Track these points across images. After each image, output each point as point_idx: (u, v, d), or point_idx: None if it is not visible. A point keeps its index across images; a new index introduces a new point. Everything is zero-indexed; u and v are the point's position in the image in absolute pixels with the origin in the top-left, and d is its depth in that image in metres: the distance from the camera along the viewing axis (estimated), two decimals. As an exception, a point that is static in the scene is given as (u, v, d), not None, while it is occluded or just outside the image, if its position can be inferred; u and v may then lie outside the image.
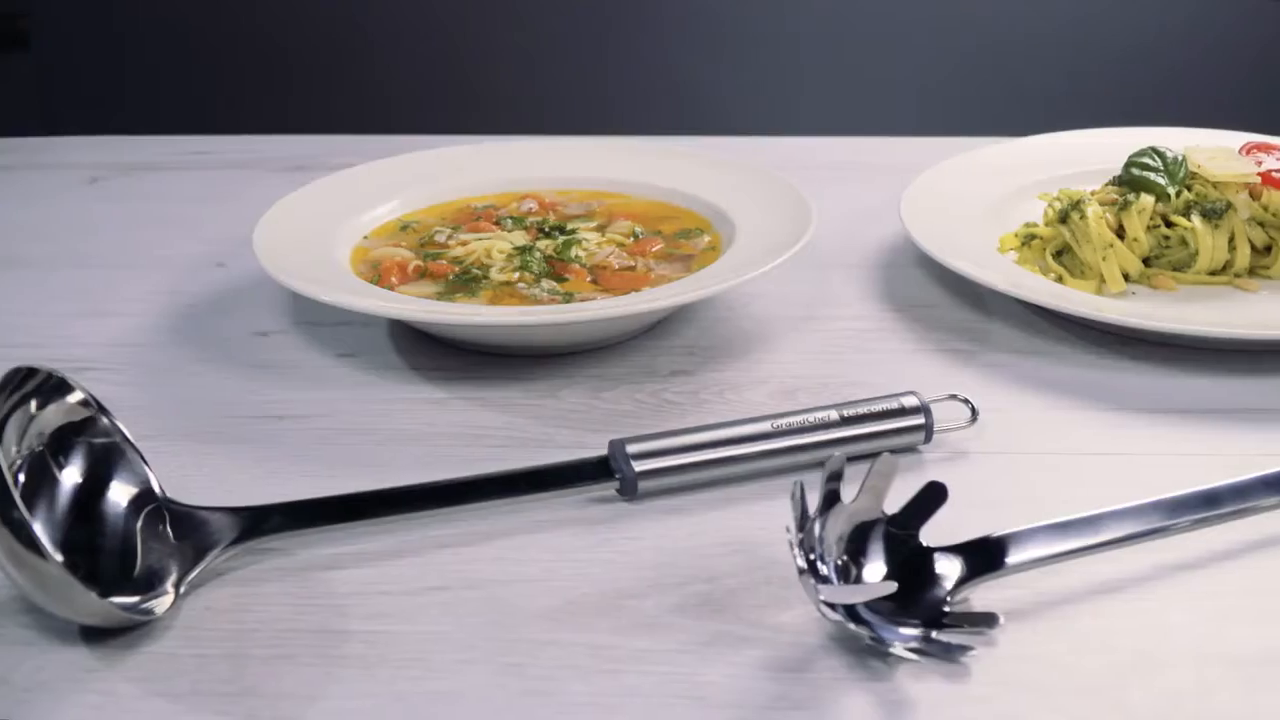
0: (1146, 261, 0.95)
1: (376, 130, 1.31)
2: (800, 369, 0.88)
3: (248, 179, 1.23)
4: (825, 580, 0.65)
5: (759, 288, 0.98)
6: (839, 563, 0.65)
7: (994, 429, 0.81)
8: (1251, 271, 0.96)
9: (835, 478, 0.66)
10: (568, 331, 0.87)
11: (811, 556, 0.65)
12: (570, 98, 2.16)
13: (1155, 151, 0.96)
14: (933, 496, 0.68)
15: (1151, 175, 0.95)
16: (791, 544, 0.63)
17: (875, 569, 0.66)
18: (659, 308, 0.86)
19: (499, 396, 0.86)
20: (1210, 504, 0.71)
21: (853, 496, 0.67)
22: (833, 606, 0.63)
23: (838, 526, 0.65)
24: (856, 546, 0.66)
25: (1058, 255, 0.96)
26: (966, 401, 0.81)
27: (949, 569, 0.68)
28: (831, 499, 0.66)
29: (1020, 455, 0.79)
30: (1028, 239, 0.97)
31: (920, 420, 0.78)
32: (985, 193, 1.04)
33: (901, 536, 0.68)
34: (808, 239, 0.90)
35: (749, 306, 0.96)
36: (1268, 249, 0.95)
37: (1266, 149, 0.98)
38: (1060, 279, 0.94)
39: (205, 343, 0.94)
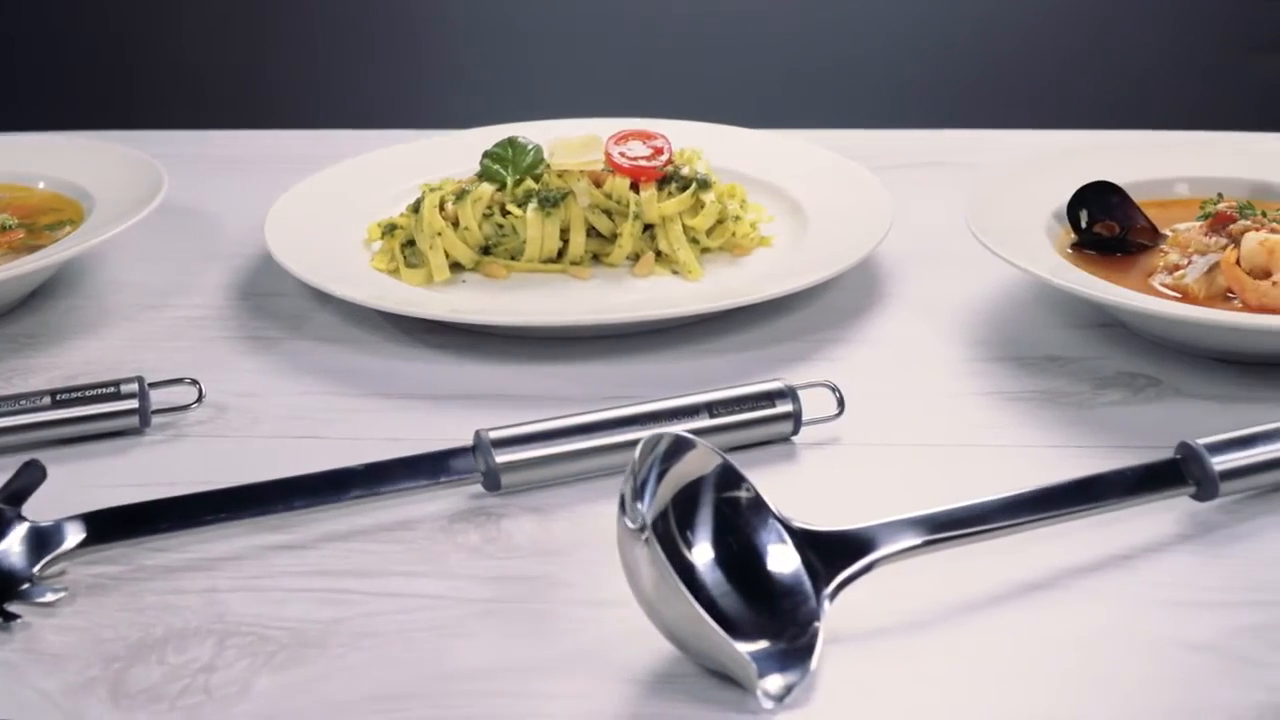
0: (489, 250, 1.00)
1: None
2: (105, 355, 0.94)
3: None
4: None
5: (128, 277, 1.03)
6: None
7: (235, 413, 0.86)
8: (597, 259, 1.00)
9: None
10: None
11: None
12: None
13: (510, 142, 1.01)
14: (31, 474, 0.73)
15: (496, 165, 1.00)
16: None
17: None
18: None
19: None
20: (341, 487, 0.75)
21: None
22: None
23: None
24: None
25: (409, 245, 1.00)
26: (195, 383, 0.86)
27: (62, 540, 0.72)
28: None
29: (241, 438, 0.84)
30: (389, 229, 1.01)
31: (135, 405, 0.83)
32: (395, 183, 1.09)
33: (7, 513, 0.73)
34: (126, 227, 0.96)
35: (109, 296, 1.01)
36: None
37: (645, 136, 1.02)
38: (397, 269, 0.98)
39: None
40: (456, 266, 0.98)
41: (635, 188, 0.99)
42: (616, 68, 2.14)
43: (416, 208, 1.00)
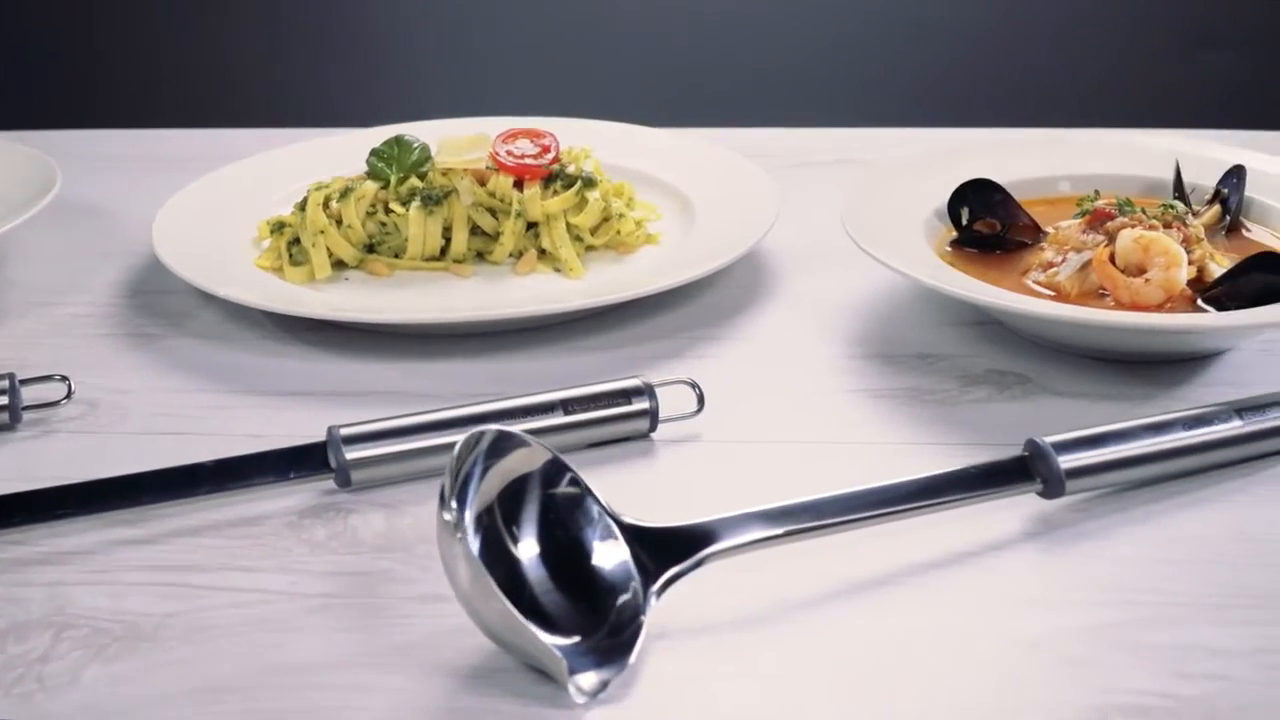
0: (373, 248, 1.01)
1: None
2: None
3: None
4: None
5: (22, 275, 1.05)
6: None
7: (106, 409, 0.88)
8: (482, 257, 1.01)
9: None
10: None
11: None
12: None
13: (397, 140, 1.02)
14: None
15: (382, 164, 1.01)
16: None
17: None
18: None
19: None
20: (190, 483, 0.77)
21: None
22: None
23: None
24: None
25: (295, 243, 1.01)
26: (64, 379, 0.87)
27: None
28: None
29: (109, 434, 0.86)
30: (278, 227, 1.03)
31: (4, 401, 0.84)
32: (292, 181, 1.10)
33: None
34: (14, 226, 0.98)
35: (1, 293, 1.03)
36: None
37: (533, 135, 1.04)
38: (281, 267, 1.00)
39: None
40: (341, 264, 1.00)
41: (520, 186, 1.01)
42: (538, 66, 2.16)
43: (304, 206, 1.01)
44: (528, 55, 2.17)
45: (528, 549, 0.68)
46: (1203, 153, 1.08)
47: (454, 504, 0.65)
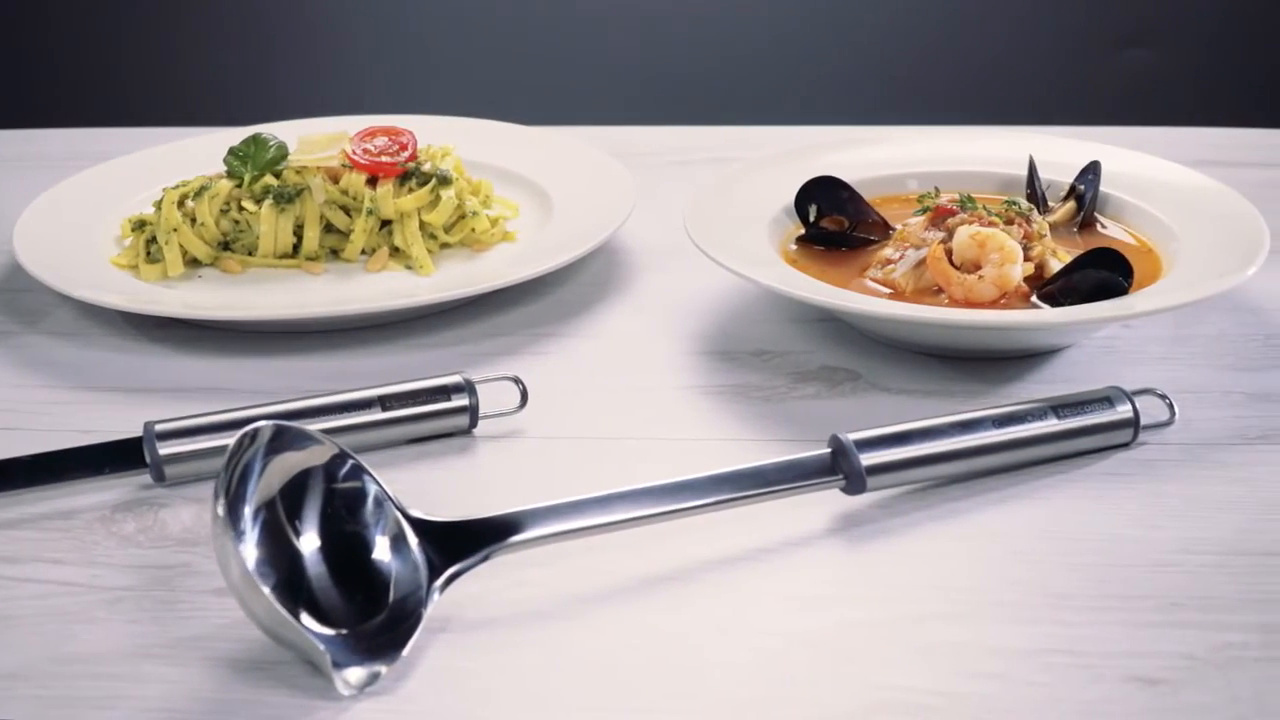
0: (228, 246, 1.04)
1: None
2: None
3: None
4: None
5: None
6: None
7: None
8: (336, 253, 1.04)
9: None
10: None
11: None
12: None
13: (254, 138, 1.05)
14: None
15: (238, 162, 1.04)
16: None
17: None
18: None
19: None
20: (6, 477, 0.80)
21: None
22: None
23: None
24: None
25: (153, 241, 1.04)
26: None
27: None
28: None
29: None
30: (139, 225, 1.05)
31: None
32: (164, 180, 1.12)
33: None
34: None
35: None
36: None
37: (391, 133, 1.06)
38: (137, 266, 1.03)
39: None
40: (196, 262, 1.03)
41: (374, 183, 1.04)
42: (455, 65, 2.19)
43: (161, 204, 1.04)
44: (429, 53, 2.19)
45: (309, 543, 0.71)
46: (1063, 149, 1.10)
47: (223, 498, 0.68)
